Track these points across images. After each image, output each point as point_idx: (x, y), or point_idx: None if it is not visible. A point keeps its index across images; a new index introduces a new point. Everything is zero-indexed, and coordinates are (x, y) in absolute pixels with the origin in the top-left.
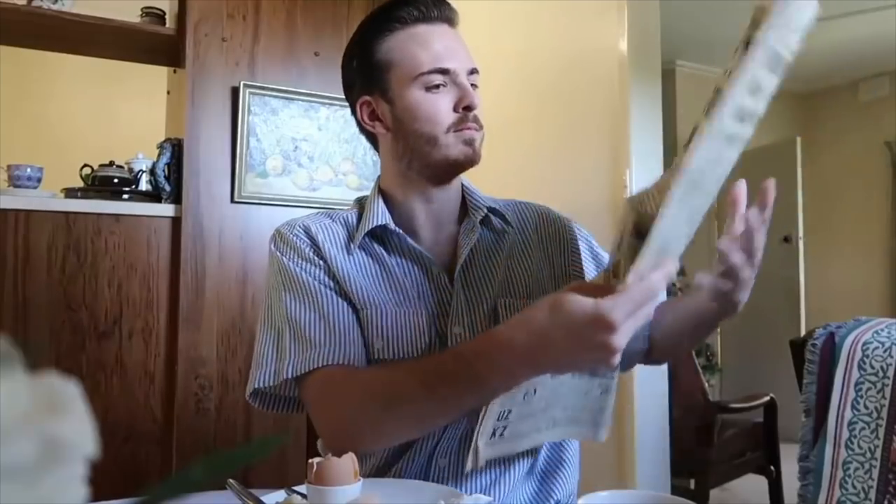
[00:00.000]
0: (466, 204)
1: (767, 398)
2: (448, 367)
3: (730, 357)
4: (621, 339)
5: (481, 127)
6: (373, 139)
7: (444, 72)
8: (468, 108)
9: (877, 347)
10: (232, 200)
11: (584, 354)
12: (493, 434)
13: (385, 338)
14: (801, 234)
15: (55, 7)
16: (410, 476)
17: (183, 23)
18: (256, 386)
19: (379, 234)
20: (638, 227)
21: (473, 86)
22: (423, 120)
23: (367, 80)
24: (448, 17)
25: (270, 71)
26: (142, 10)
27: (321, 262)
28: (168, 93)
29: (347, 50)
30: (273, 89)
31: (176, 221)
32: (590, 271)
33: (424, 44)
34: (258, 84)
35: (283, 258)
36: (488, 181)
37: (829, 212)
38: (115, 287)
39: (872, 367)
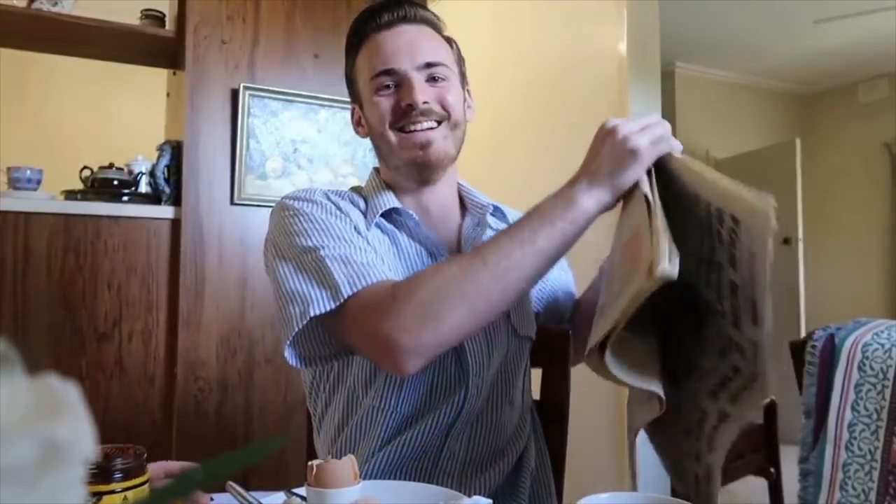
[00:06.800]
0: (464, 203)
1: (767, 400)
2: (520, 223)
3: None
4: (631, 132)
5: (442, 121)
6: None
7: (389, 73)
8: (409, 106)
9: (877, 349)
10: (231, 202)
11: (607, 156)
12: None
13: None
14: (800, 235)
15: (55, 9)
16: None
17: (183, 25)
18: (313, 314)
19: (391, 217)
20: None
21: (434, 78)
22: (375, 121)
23: (350, 91)
24: (405, 16)
25: (270, 73)
26: (141, 12)
27: (349, 219)
28: (168, 95)
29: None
30: (273, 91)
31: (175, 223)
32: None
33: (377, 50)
34: (258, 86)
35: (311, 209)
36: (488, 182)
37: (828, 213)
38: (115, 289)
39: (872, 369)
